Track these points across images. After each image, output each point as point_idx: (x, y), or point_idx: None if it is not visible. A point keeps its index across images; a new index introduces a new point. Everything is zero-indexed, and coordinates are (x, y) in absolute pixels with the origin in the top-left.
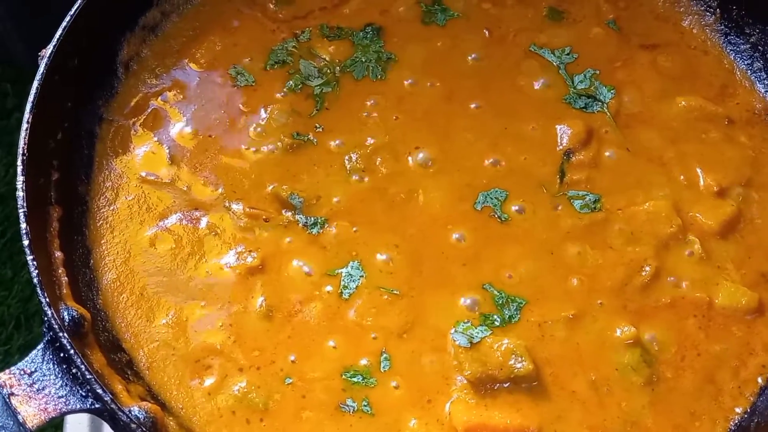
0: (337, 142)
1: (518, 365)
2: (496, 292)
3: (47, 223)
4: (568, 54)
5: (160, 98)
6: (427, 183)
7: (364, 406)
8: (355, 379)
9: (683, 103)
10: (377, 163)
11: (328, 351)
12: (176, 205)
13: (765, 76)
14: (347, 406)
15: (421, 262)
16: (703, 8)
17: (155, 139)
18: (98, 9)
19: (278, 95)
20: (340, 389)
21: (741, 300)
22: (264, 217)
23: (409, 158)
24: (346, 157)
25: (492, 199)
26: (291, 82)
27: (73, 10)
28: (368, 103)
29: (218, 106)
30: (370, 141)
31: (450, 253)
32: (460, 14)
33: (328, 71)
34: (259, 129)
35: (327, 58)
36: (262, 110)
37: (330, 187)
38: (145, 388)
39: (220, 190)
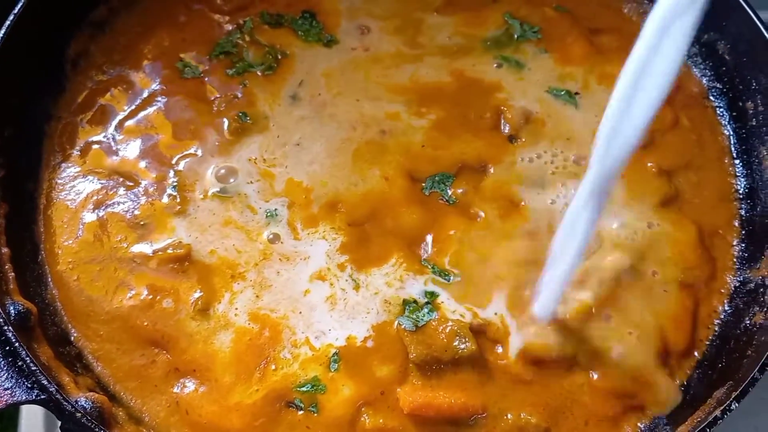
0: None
1: (462, 346)
2: (430, 267)
3: None
4: (535, 32)
5: (107, 94)
6: None
7: (311, 407)
8: (304, 389)
9: None
10: None
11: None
12: (123, 198)
13: (700, 60)
14: (294, 405)
15: (368, 243)
16: None
17: (102, 135)
18: (45, 5)
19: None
20: (291, 397)
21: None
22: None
23: None
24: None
25: (439, 183)
26: (231, 71)
27: (19, 6)
28: None
29: (165, 99)
30: None
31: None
32: None
33: (270, 57)
34: None
35: (267, 45)
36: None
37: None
38: (94, 380)
39: (167, 181)
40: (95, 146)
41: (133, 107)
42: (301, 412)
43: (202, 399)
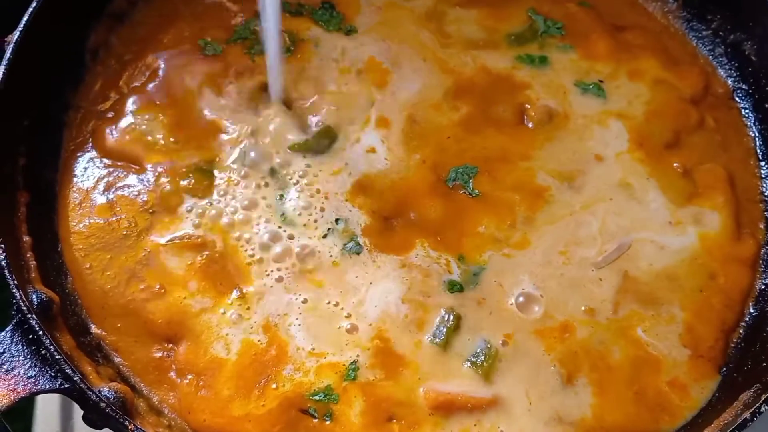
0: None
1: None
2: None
3: (15, 209)
4: (558, 27)
5: (126, 83)
6: None
7: (325, 416)
8: (317, 397)
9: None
10: None
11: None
12: (136, 183)
13: (726, 61)
14: (308, 412)
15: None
16: None
17: (122, 124)
18: None
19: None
20: (305, 405)
21: None
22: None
23: None
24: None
25: (463, 175)
26: (251, 51)
27: None
28: None
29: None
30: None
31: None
32: None
33: (288, 41)
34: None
35: (285, 30)
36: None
37: None
38: (115, 371)
39: (185, 165)
40: (113, 135)
41: (152, 96)
42: (315, 420)
43: (202, 403)
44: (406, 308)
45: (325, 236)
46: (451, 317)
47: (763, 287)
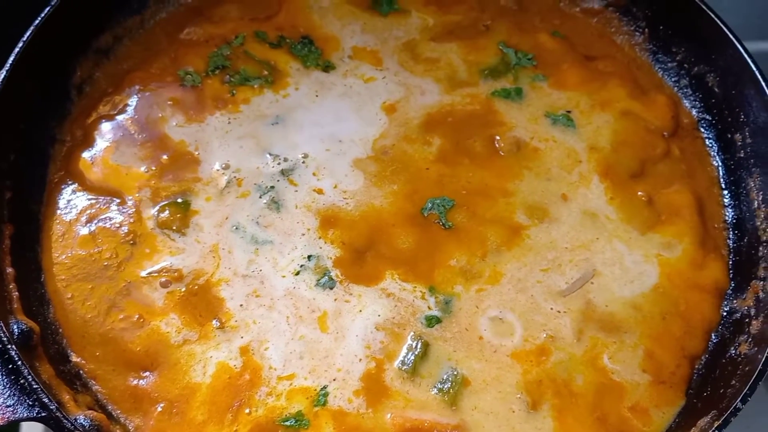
0: None
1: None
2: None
3: None
4: (530, 59)
5: (112, 118)
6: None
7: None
8: (288, 423)
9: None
10: None
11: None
12: (125, 219)
13: (690, 92)
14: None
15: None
16: (632, 28)
17: (102, 156)
18: (51, 33)
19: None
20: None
21: None
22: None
23: None
24: None
25: (439, 206)
26: (229, 81)
27: (27, 34)
28: None
29: (167, 117)
30: None
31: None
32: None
33: (266, 72)
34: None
35: (262, 60)
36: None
37: None
38: (93, 398)
39: (165, 197)
40: (94, 168)
41: (137, 131)
42: None
43: (176, 429)
44: (378, 337)
45: (297, 273)
46: (419, 345)
47: (724, 314)
